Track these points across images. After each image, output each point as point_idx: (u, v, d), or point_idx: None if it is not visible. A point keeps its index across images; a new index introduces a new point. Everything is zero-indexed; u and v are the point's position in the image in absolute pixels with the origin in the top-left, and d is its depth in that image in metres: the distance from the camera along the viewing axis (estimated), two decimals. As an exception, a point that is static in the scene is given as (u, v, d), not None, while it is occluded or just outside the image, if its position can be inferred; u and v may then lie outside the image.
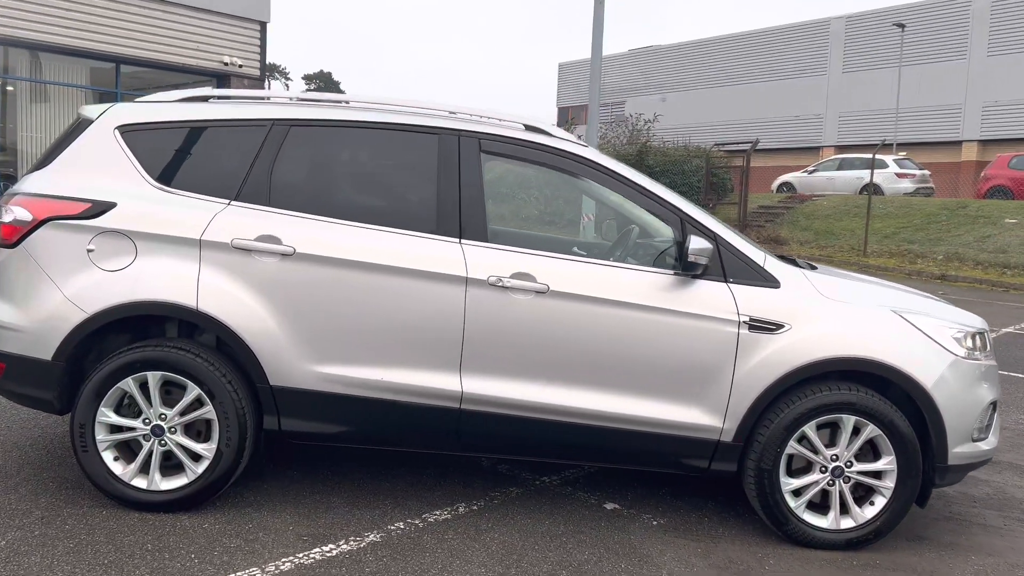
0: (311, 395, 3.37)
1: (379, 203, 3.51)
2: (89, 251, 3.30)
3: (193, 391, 3.31)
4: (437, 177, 3.46)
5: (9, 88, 15.25)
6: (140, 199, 3.37)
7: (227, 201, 3.40)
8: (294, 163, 3.48)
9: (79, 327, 3.28)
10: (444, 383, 3.37)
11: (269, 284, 3.32)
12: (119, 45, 15.10)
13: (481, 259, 3.37)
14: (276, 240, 3.33)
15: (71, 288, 3.29)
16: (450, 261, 3.36)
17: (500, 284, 3.34)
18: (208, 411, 3.32)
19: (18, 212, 3.34)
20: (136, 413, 3.36)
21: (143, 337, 3.53)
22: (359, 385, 3.36)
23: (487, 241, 3.42)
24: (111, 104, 3.56)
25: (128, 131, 3.47)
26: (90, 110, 3.56)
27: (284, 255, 3.32)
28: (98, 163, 3.42)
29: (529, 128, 3.66)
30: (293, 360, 3.34)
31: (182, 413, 3.34)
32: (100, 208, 3.33)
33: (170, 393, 3.38)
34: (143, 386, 3.32)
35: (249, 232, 3.34)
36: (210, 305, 3.29)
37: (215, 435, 3.34)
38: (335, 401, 3.38)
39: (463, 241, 3.40)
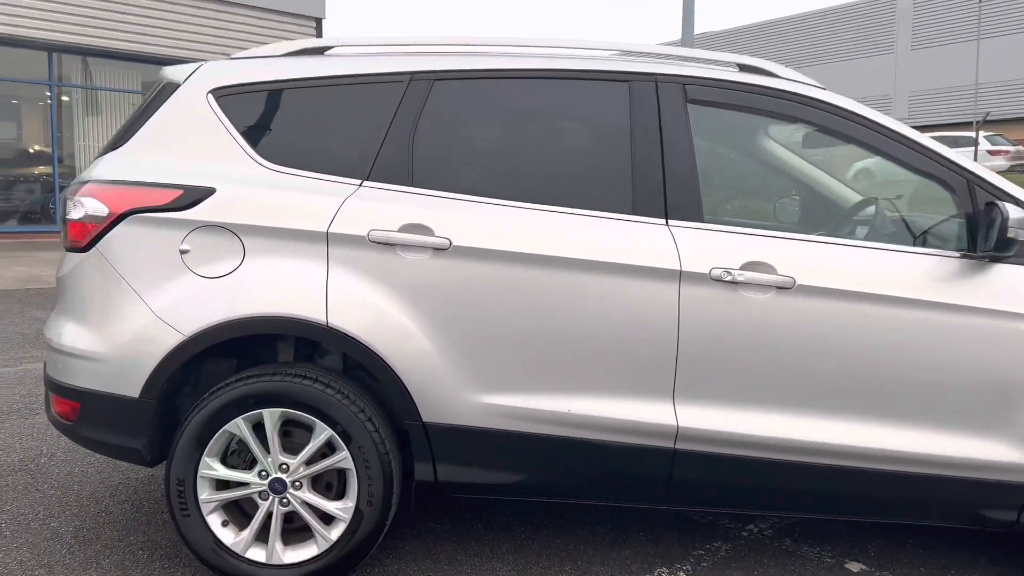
0: (476, 434, 2.53)
1: (554, 177, 2.65)
2: (183, 253, 2.52)
3: (323, 433, 2.50)
4: (631, 138, 2.59)
5: (64, 98, 14.87)
6: (245, 183, 2.56)
7: (357, 182, 2.58)
8: (441, 128, 2.65)
9: (174, 353, 2.49)
10: (652, 415, 2.51)
11: (419, 288, 2.49)
12: (172, 47, 14.57)
13: (698, 246, 2.50)
14: (426, 230, 2.50)
15: (161, 302, 2.51)
16: (656, 250, 2.49)
17: (727, 279, 2.46)
18: (343, 459, 2.51)
19: (90, 205, 2.57)
20: (249, 463, 2.56)
21: (251, 363, 2.74)
22: (539, 420, 2.51)
23: (702, 221, 2.54)
24: (201, 62, 2.77)
25: (226, 95, 2.67)
26: (175, 71, 2.77)
27: (437, 249, 2.49)
28: (189, 138, 2.63)
29: (745, 68, 2.77)
30: (452, 389, 2.51)
31: (309, 462, 2.53)
32: (195, 196, 2.53)
33: (290, 435, 2.57)
34: (257, 428, 2.52)
35: (390, 221, 2.51)
36: (343, 319, 2.48)
37: (352, 490, 2.52)
38: (508, 442, 2.53)
39: (671, 222, 2.53)
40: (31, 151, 15.04)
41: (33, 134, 14.95)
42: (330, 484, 2.60)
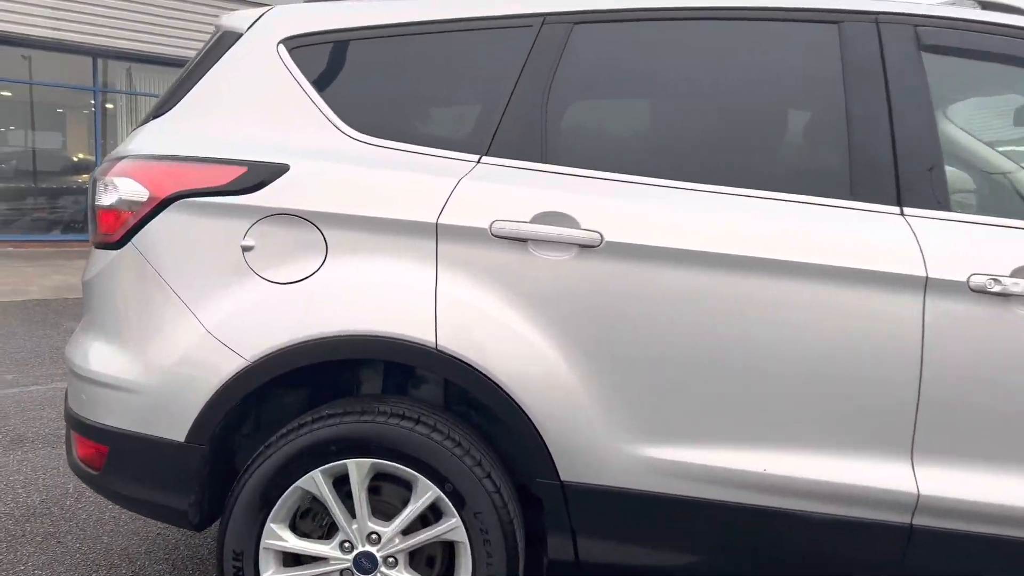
0: (635, 500, 1.86)
1: (740, 150, 1.97)
2: (246, 250, 1.90)
3: (426, 493, 1.85)
4: (845, 96, 1.91)
5: (108, 106, 14.58)
6: (327, 158, 1.94)
7: (474, 157, 1.93)
8: (584, 86, 2.00)
9: (232, 383, 1.86)
10: (881, 478, 1.81)
11: (558, 299, 1.83)
12: (218, 53, 14.21)
13: (948, 244, 1.81)
14: (569, 221, 1.85)
15: (216, 315, 1.89)
16: (890, 250, 1.81)
17: (994, 289, 1.77)
18: (453, 528, 1.85)
19: (126, 187, 1.96)
20: (327, 530, 1.93)
21: (328, 395, 2.11)
22: (721, 482, 1.84)
23: (950, 209, 1.86)
24: (268, 6, 2.15)
25: (301, 46, 2.05)
26: (236, 18, 2.15)
27: (584, 247, 1.83)
28: (254, 101, 2.01)
29: (988, 4, 2.08)
30: (603, 437, 1.84)
31: (407, 531, 1.88)
32: (262, 175, 1.91)
33: (380, 493, 1.94)
34: (339, 483, 1.89)
35: (520, 209, 1.86)
36: (458, 340, 1.83)
37: (465, 570, 1.87)
38: (678, 511, 1.86)
39: (906, 211, 1.85)
40: (75, 159, 14.77)
41: (77, 142, 14.69)
42: (432, 559, 1.95)
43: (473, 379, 1.85)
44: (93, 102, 14.22)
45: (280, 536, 1.89)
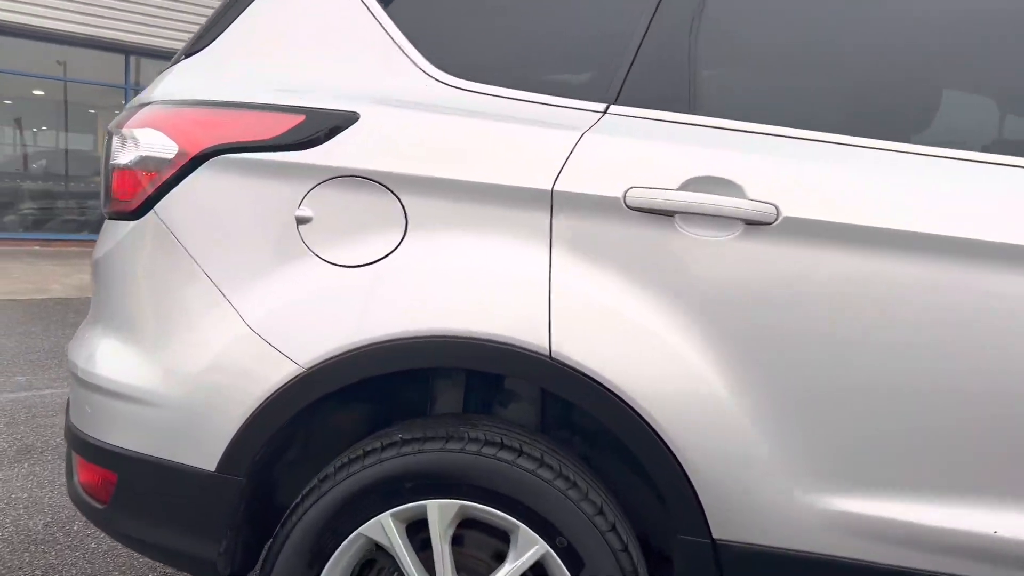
0: (819, 567, 1.39)
1: (964, 104, 1.50)
2: (301, 222, 1.45)
3: (530, 548, 1.39)
4: None
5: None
6: (407, 106, 1.48)
7: (600, 107, 1.47)
8: (744, 16, 1.54)
9: (281, 397, 1.42)
10: None
11: (717, 293, 1.36)
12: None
13: None
14: (732, 188, 1.38)
15: (262, 307, 1.45)
16: None
17: None
18: (565, 596, 1.40)
19: (148, 140, 1.52)
20: (396, 592, 1.48)
21: (396, 413, 1.66)
22: (936, 547, 1.35)
23: None
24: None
25: (374, -34, 1.61)
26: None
27: (752, 223, 1.36)
28: (314, 33, 1.57)
29: None
30: (774, 482, 1.37)
31: (502, 598, 1.43)
32: (324, 125, 1.47)
33: (461, 543, 1.48)
34: (413, 530, 1.44)
35: (666, 173, 1.40)
36: (578, 346, 1.37)
37: (579, 654, 1.41)
38: (876, 583, 1.38)
39: None
40: (105, 159, 14.59)
41: (107, 141, 14.49)
42: (531, 633, 1.49)
43: (596, 398, 1.38)
44: (124, 102, 14.01)
45: (336, 599, 1.44)
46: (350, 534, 1.43)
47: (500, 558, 1.47)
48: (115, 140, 1.58)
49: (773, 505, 1.38)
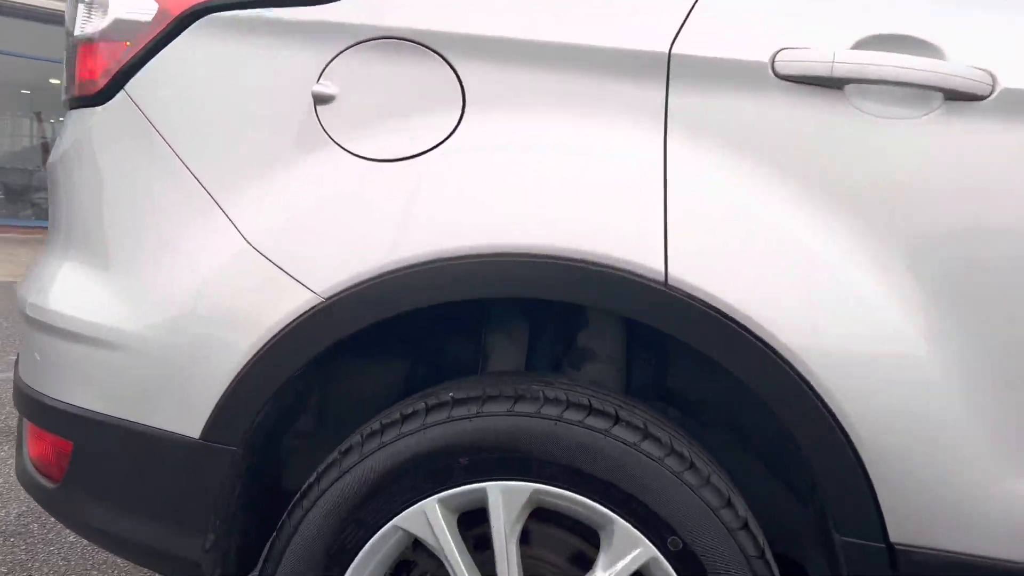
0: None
1: None
2: (319, 101, 1.07)
3: (631, 550, 0.99)
4: None
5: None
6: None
7: (728, -52, 1.09)
8: None
9: (290, 338, 1.03)
10: None
11: (910, 201, 0.97)
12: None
13: None
14: (925, 49, 0.98)
15: (266, 217, 1.07)
16: None
17: None
18: (680, 620, 1.01)
19: (120, 1, 1.15)
20: (443, 606, 1.09)
21: (432, 376, 1.28)
22: None
23: None
24: None
25: None
26: None
27: (958, 97, 0.97)
28: None
29: None
30: (977, 475, 0.97)
31: (591, 616, 1.04)
32: (351, -29, 1.09)
33: (527, 541, 1.10)
34: (468, 521, 1.06)
35: (832, 28, 1.00)
36: (705, 272, 0.97)
37: None
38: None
39: None
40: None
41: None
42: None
43: (731, 344, 0.99)
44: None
45: (362, 615, 1.05)
46: (382, 527, 1.04)
47: (581, 562, 1.09)
48: (80, 8, 1.21)
49: (977, 504, 0.98)
